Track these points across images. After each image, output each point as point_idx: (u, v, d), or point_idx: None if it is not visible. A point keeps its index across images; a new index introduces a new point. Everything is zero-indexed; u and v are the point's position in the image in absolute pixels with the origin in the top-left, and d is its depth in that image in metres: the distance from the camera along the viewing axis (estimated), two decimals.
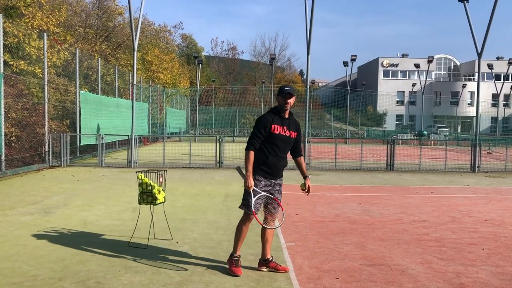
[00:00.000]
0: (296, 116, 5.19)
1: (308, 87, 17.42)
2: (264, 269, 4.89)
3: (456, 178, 13.92)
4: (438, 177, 14.08)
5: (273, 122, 4.70)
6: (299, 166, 5.02)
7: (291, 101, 4.73)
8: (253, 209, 4.57)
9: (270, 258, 4.91)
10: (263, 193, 4.68)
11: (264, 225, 4.73)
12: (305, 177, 4.92)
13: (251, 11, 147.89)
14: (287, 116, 4.81)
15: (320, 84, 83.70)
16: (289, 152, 4.99)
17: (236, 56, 68.67)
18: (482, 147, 17.40)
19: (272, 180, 4.78)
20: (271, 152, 4.71)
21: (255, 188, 4.63)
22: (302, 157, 5.03)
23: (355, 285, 4.50)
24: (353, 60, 35.69)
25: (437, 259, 5.43)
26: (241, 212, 4.87)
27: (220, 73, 64.39)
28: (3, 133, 11.61)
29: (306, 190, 4.89)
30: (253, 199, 4.60)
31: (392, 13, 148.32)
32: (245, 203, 4.69)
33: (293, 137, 4.86)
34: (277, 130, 4.70)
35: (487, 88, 55.43)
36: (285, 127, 4.76)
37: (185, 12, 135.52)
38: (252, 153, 4.67)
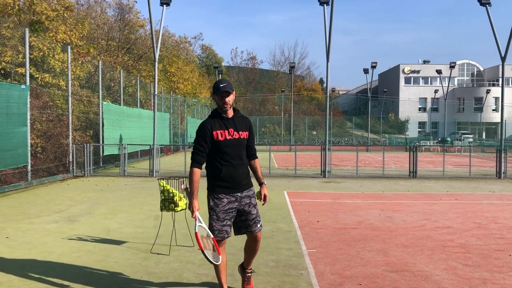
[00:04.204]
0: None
1: (328, 95, 17.40)
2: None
3: (481, 185, 13.64)
4: (462, 184, 13.83)
5: (214, 129, 4.01)
6: (253, 170, 4.31)
7: (230, 98, 4.02)
8: (210, 234, 3.94)
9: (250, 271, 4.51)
10: (203, 225, 3.92)
11: (203, 251, 3.75)
12: (260, 184, 4.28)
13: (270, 20, 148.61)
14: (230, 115, 4.10)
15: (340, 92, 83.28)
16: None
17: (255, 66, 69.13)
18: (508, 153, 17.02)
19: (237, 194, 4.10)
20: (223, 163, 4.04)
21: (199, 217, 3.92)
22: (257, 160, 4.34)
23: None
24: (373, 67, 35.55)
25: (462, 265, 5.33)
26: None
27: (240, 83, 64.77)
28: (29, 144, 11.92)
29: (262, 199, 4.25)
30: (203, 223, 3.93)
31: (412, 19, 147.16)
32: (210, 228, 4.01)
33: (244, 137, 4.14)
34: (221, 136, 4.02)
35: None
36: (230, 130, 4.05)
37: (205, 24, 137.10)
38: (196, 171, 4.01)
